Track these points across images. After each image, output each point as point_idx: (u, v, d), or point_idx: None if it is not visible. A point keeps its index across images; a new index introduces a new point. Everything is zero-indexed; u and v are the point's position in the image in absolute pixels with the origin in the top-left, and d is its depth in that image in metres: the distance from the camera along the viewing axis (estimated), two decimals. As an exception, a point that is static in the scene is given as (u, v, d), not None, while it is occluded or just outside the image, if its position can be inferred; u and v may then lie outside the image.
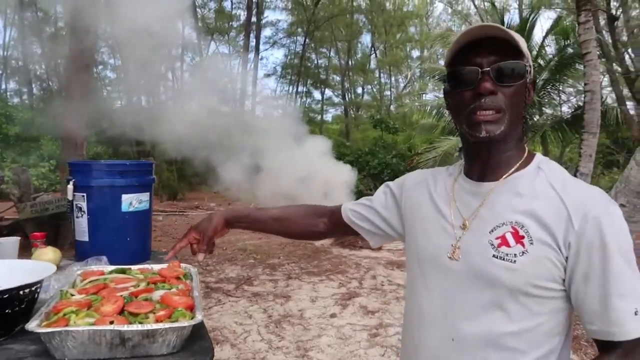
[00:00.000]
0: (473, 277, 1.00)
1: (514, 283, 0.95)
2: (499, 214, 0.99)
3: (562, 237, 0.93)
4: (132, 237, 2.02)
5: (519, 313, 0.96)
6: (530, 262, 0.94)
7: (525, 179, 1.01)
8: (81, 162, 2.09)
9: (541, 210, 0.95)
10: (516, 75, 0.97)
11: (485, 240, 0.99)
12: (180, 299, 1.24)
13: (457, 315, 1.02)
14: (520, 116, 1.02)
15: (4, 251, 1.88)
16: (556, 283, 0.95)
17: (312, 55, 29.05)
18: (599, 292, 0.91)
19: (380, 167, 17.38)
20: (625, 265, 0.90)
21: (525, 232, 0.95)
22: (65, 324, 1.08)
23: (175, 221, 11.14)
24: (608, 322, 0.90)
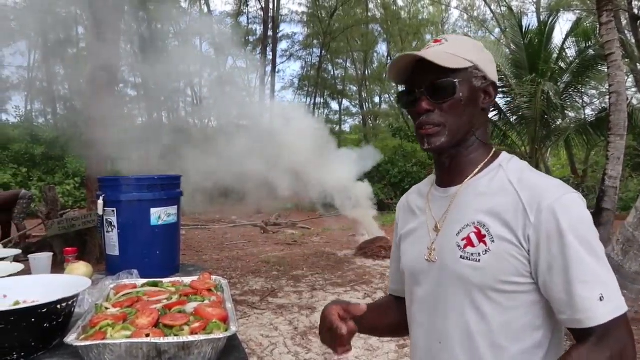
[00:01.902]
0: (447, 276, 1.04)
1: (481, 281, 0.98)
2: (464, 216, 1.03)
3: (522, 232, 0.94)
4: (162, 251, 2.04)
5: (491, 310, 0.98)
6: (494, 259, 0.96)
7: (485, 178, 1.04)
8: (110, 178, 2.12)
9: (500, 207, 0.98)
10: (449, 91, 1.00)
11: (453, 242, 1.03)
12: (213, 311, 1.23)
13: (439, 317, 1.05)
14: (468, 124, 1.04)
15: (37, 267, 1.91)
16: (523, 277, 0.96)
17: (329, 67, 29.20)
18: (562, 281, 0.92)
19: (401, 175, 17.30)
20: (585, 251, 0.91)
21: (487, 230, 0.98)
22: (102, 337, 1.09)
23: (198, 234, 11.23)
24: (575, 310, 0.91)
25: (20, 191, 9.36)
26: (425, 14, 29.40)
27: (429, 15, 29.25)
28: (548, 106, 12.25)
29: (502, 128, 14.58)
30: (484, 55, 1.07)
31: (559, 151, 17.38)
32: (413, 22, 27.73)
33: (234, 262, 7.90)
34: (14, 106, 27.67)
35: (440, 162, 1.11)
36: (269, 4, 22.08)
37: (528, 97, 12.26)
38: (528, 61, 12.81)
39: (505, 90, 14.16)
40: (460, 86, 1.01)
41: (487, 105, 1.07)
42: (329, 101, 29.54)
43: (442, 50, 1.03)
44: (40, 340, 1.17)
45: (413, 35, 27.90)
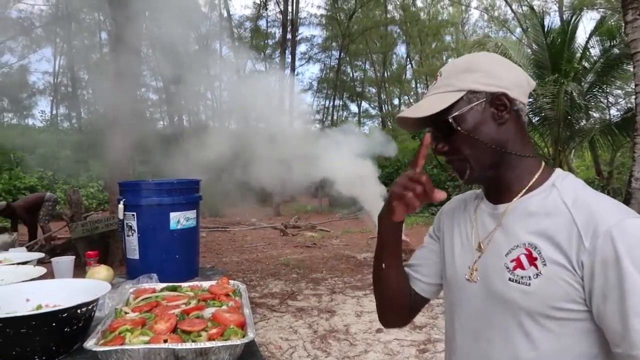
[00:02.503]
0: (492, 299, 0.99)
1: (530, 306, 0.93)
2: (514, 236, 0.98)
3: (575, 257, 0.89)
4: (181, 255, 2.05)
5: (542, 337, 0.94)
6: (545, 283, 0.91)
7: (537, 197, 0.98)
8: (131, 182, 2.15)
9: (552, 229, 0.93)
10: (450, 129, 0.99)
11: (501, 263, 0.98)
12: (231, 317, 1.23)
13: (482, 341, 1.01)
14: (491, 147, 0.99)
15: (60, 270, 1.94)
16: (576, 304, 0.91)
17: (348, 69, 29.19)
18: (618, 313, 0.86)
19: (419, 177, 17.14)
20: None
21: (538, 253, 0.93)
22: (121, 342, 1.09)
23: (219, 237, 11.31)
24: (631, 345, 0.85)
25: (45, 194, 9.57)
26: (445, 14, 29.19)
27: (448, 16, 29.04)
28: (571, 107, 12.02)
29: (524, 129, 14.36)
30: (480, 70, 1.00)
31: (583, 152, 17.00)
32: (432, 23, 27.59)
33: (253, 264, 7.93)
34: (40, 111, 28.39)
35: (485, 184, 1.08)
36: (288, 7, 22.17)
37: (551, 98, 12.05)
38: (550, 61, 12.60)
39: (527, 91, 13.96)
40: (457, 120, 0.98)
41: (504, 118, 1.00)
42: (347, 103, 29.53)
43: (434, 91, 1.02)
44: (61, 344, 1.18)
45: (432, 37, 27.75)
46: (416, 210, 1.02)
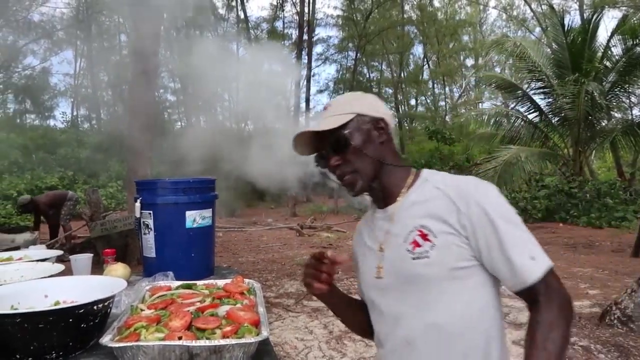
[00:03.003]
0: (402, 284, 1.18)
1: (435, 273, 1.13)
2: (406, 225, 1.19)
3: (457, 222, 1.12)
4: (197, 253, 2.06)
5: (451, 298, 1.14)
6: (440, 251, 1.13)
7: (416, 191, 1.22)
8: (147, 181, 2.16)
9: (434, 209, 1.16)
10: (345, 143, 1.19)
11: (403, 249, 1.17)
12: (245, 315, 1.23)
13: (403, 320, 1.19)
14: (375, 160, 1.22)
15: (78, 267, 1.97)
16: (468, 261, 1.13)
17: (364, 69, 29.12)
18: (500, 255, 1.09)
19: (438, 179, 17.02)
20: (510, 225, 1.10)
21: (429, 230, 1.15)
22: (136, 339, 1.10)
23: (235, 237, 11.37)
24: (516, 274, 1.08)
25: (67, 192, 9.72)
26: (462, 14, 28.93)
27: (466, 16, 28.77)
28: (592, 107, 11.80)
29: (543, 130, 14.16)
30: (364, 101, 1.25)
31: (604, 153, 16.69)
32: (450, 23, 27.37)
33: (269, 264, 7.95)
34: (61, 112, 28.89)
35: (371, 193, 1.28)
36: (304, 8, 22.22)
37: (571, 98, 11.86)
38: (571, 60, 12.39)
39: (547, 91, 13.74)
40: (351, 136, 1.19)
41: (383, 138, 1.24)
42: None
43: (328, 115, 1.22)
44: (77, 339, 1.20)
45: (450, 36, 27.53)
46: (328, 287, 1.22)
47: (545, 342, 1.05)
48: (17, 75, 22.76)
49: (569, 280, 6.78)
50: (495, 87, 15.50)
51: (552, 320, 1.07)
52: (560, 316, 1.07)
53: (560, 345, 1.04)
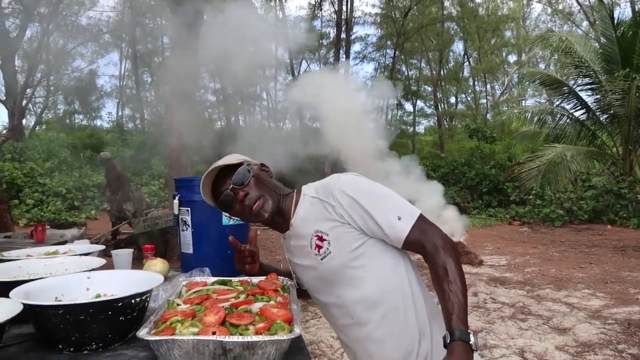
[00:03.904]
0: (326, 281, 1.44)
1: (341, 262, 1.38)
2: (305, 237, 1.44)
3: (336, 215, 1.36)
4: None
5: (364, 273, 1.38)
6: (337, 244, 1.38)
7: (301, 207, 1.46)
8: (185, 178, 2.21)
9: (316, 214, 1.41)
10: (247, 174, 1.46)
11: (312, 256, 1.43)
12: (278, 312, 1.23)
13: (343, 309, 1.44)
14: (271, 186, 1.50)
15: (119, 262, 2.03)
16: (360, 239, 1.37)
17: (402, 67, 28.78)
18: (374, 223, 1.34)
19: (478, 178, 16.65)
20: (372, 197, 1.36)
21: (321, 232, 1.39)
22: (171, 333, 1.11)
23: (272, 235, 11.47)
24: (393, 234, 1.33)
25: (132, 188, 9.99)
26: (505, 9, 28.15)
27: (508, 11, 27.98)
28: (643, 103, 11.26)
29: (590, 127, 13.63)
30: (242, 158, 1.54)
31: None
32: (491, 18, 26.67)
33: (306, 263, 7.97)
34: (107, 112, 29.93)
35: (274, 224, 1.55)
36: (342, 7, 22.18)
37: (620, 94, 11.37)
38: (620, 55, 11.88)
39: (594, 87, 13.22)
40: (250, 168, 1.48)
41: (270, 174, 1.56)
42: (402, 102, 29.08)
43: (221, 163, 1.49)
44: (116, 332, 1.23)
45: (492, 32, 26.85)
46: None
47: (450, 285, 1.23)
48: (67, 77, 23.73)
49: (617, 285, 6.50)
50: (540, 83, 15.02)
51: (444, 263, 1.26)
52: (446, 255, 1.27)
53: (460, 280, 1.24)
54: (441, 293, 1.24)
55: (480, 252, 8.99)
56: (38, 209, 14.18)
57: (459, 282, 1.24)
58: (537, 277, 7.20)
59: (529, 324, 5.00)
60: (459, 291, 1.22)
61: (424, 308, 1.40)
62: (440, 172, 17.59)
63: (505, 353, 4.19)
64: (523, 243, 10.69)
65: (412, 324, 1.38)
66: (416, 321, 1.38)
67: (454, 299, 1.21)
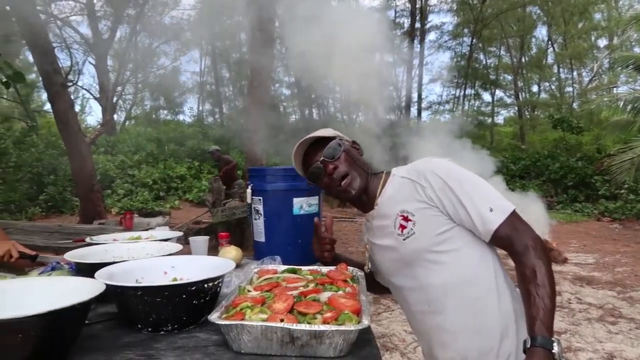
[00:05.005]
0: (407, 263, 1.40)
1: (426, 244, 1.34)
2: (390, 216, 1.42)
3: (426, 197, 1.33)
4: (303, 240, 2.09)
5: (447, 258, 1.33)
6: (422, 225, 1.34)
7: (389, 187, 1.46)
8: (258, 168, 2.25)
9: (405, 194, 1.39)
10: (338, 148, 1.48)
11: (395, 236, 1.40)
12: (347, 302, 1.22)
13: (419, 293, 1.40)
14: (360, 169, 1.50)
15: (196, 248, 2.11)
16: (447, 224, 1.33)
17: (480, 56, 27.61)
18: (464, 211, 1.29)
19: (563, 171, 15.67)
20: (465, 185, 1.30)
21: (407, 212, 1.37)
22: (241, 318, 1.14)
23: (345, 227, 11.52)
24: (481, 225, 1.28)
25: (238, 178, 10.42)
26: (595, -11, 26.08)
27: (599, -9, 25.90)
28: None
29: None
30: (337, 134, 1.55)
31: None
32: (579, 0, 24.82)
33: (378, 255, 7.92)
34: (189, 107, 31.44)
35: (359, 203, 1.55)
36: (417, -4, 21.65)
37: None
38: None
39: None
40: (341, 143, 1.49)
41: (362, 153, 1.58)
42: (480, 92, 27.94)
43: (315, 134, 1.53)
44: (190, 315, 1.27)
45: (579, 15, 24.99)
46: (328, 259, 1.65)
47: (537, 289, 1.16)
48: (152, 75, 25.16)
49: None
50: (634, 68, 13.77)
51: (532, 265, 1.20)
52: (536, 257, 1.20)
53: (549, 284, 1.18)
54: (526, 296, 1.18)
55: (565, 249, 8.47)
56: (128, 198, 15.19)
57: (547, 286, 1.16)
58: (629, 278, 6.66)
59: (619, 327, 4.63)
60: (546, 296, 1.15)
61: (509, 305, 1.33)
62: (520, 165, 16.75)
63: (592, 357, 3.91)
64: (613, 240, 9.93)
65: (493, 320, 1.31)
66: (499, 317, 1.31)
67: (540, 303, 1.14)
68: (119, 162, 16.70)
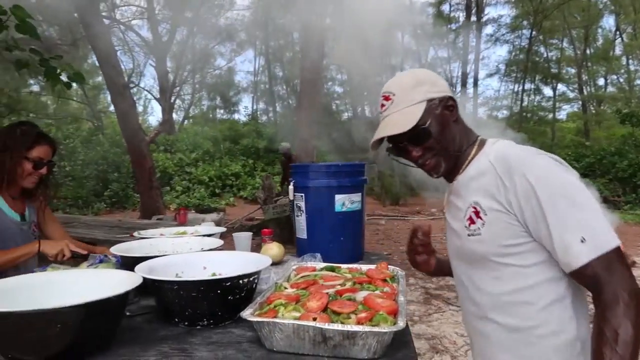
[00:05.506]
0: (464, 258, 1.24)
1: (487, 250, 1.14)
2: (465, 200, 1.20)
3: (504, 199, 1.08)
4: (345, 237, 2.06)
5: (507, 273, 1.12)
6: (490, 229, 1.12)
7: (474, 164, 1.20)
8: (300, 165, 2.24)
9: (485, 185, 1.14)
10: (426, 136, 1.17)
11: (462, 225, 1.20)
12: (383, 302, 1.18)
13: (469, 292, 1.24)
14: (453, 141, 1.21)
15: (239, 244, 2.13)
16: (522, 238, 1.09)
17: (541, 49, 26.39)
18: (546, 232, 1.03)
19: (631, 169, 14.71)
20: (562, 200, 1.01)
21: (480, 207, 1.14)
22: (273, 315, 1.12)
23: (397, 225, 11.36)
24: (564, 255, 1.01)
25: None
26: (671, -27, 24.28)
27: (675, -25, 24.09)
28: None
29: None
30: (426, 82, 1.20)
31: None
32: (652, -14, 23.17)
33: (430, 255, 7.76)
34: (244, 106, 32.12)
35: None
36: (473, -12, 21.01)
37: None
38: None
39: None
40: (429, 126, 1.17)
41: (455, 115, 1.22)
42: (540, 86, 26.71)
43: (396, 109, 1.19)
44: (225, 310, 1.27)
45: (652, 2, 23.34)
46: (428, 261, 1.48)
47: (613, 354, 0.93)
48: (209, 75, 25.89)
49: None
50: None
51: (618, 325, 0.94)
52: (626, 316, 0.94)
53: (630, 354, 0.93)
54: (597, 355, 0.96)
55: (633, 252, 7.95)
56: (185, 195, 15.71)
57: (628, 356, 0.92)
58: None
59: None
60: None
61: (574, 345, 1.10)
62: (584, 162, 15.89)
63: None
64: (687, 244, 9.21)
65: (545, 355, 1.11)
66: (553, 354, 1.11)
67: None
68: (177, 160, 17.30)
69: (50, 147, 1.95)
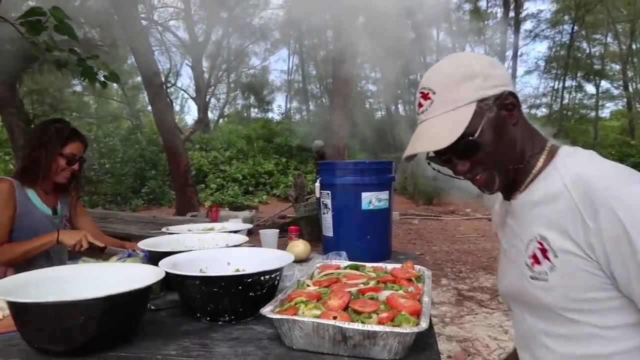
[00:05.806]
0: (522, 301, 0.99)
1: (556, 302, 0.89)
2: (526, 229, 0.94)
3: (583, 240, 0.81)
4: (372, 235, 2.03)
5: (581, 333, 0.87)
6: (561, 276, 0.86)
7: (541, 184, 0.93)
8: (326, 162, 2.22)
9: (557, 215, 0.86)
10: (473, 149, 0.91)
11: (522, 260, 0.95)
12: (406, 302, 1.14)
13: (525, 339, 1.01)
14: (511, 150, 0.95)
15: (265, 241, 2.13)
16: (605, 291, 0.83)
17: (583, 44, 25.48)
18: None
19: (681, 169, 14.04)
20: None
21: (548, 244, 0.88)
22: (293, 313, 1.11)
23: (430, 225, 11.20)
24: None
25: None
26: None
27: None
28: None
29: None
30: (479, 72, 0.92)
31: None
32: None
33: (464, 255, 7.62)
34: (278, 105, 32.37)
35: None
36: (512, -17, 20.48)
37: None
38: None
39: None
40: (478, 137, 0.91)
41: (516, 116, 0.95)
42: (582, 83, 25.79)
43: (436, 112, 0.93)
44: (247, 307, 1.27)
45: None
46: None
47: None
48: (244, 74, 26.20)
49: None
50: None
51: None
52: None
53: None
54: None
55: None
56: (220, 192, 15.97)
57: None
58: None
59: None
60: None
61: None
62: (629, 162, 15.26)
63: None
64: None
65: None
66: None
67: None
68: (212, 158, 17.58)
69: (82, 143, 2.00)
